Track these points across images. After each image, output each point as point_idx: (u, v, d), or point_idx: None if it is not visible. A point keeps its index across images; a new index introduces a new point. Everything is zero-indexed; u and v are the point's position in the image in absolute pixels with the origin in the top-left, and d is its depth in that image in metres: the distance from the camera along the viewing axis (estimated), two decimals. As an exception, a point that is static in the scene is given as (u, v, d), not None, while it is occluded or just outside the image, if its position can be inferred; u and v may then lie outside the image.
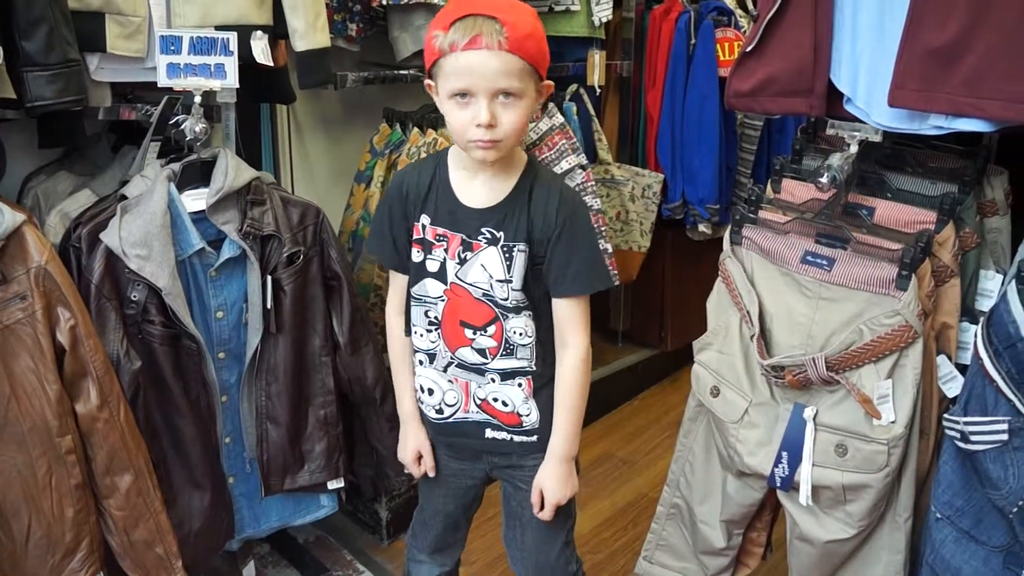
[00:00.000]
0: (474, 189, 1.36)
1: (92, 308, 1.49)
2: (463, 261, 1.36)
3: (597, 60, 2.70)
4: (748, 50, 1.48)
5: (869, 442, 1.39)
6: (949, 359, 1.45)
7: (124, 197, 1.57)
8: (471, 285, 1.37)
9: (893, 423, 1.37)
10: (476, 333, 1.39)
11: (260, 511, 1.83)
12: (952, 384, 1.43)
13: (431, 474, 1.53)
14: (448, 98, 1.25)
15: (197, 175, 1.63)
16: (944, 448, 1.32)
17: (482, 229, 1.34)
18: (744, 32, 2.76)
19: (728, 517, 1.65)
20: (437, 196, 1.38)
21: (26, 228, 1.39)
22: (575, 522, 1.57)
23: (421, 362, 1.47)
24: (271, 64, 1.83)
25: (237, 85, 1.67)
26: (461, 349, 1.41)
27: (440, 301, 1.40)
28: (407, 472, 1.58)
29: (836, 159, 1.46)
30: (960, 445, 1.25)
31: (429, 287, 1.40)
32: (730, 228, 1.58)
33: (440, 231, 1.37)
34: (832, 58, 1.41)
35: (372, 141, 2.26)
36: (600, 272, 1.40)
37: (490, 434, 1.46)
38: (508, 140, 1.27)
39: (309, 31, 1.88)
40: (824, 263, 1.45)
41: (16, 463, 1.41)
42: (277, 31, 1.87)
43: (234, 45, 1.64)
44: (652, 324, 3.29)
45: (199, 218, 1.61)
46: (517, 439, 1.45)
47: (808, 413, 1.45)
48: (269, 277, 1.65)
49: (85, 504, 1.47)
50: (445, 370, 1.44)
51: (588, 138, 2.76)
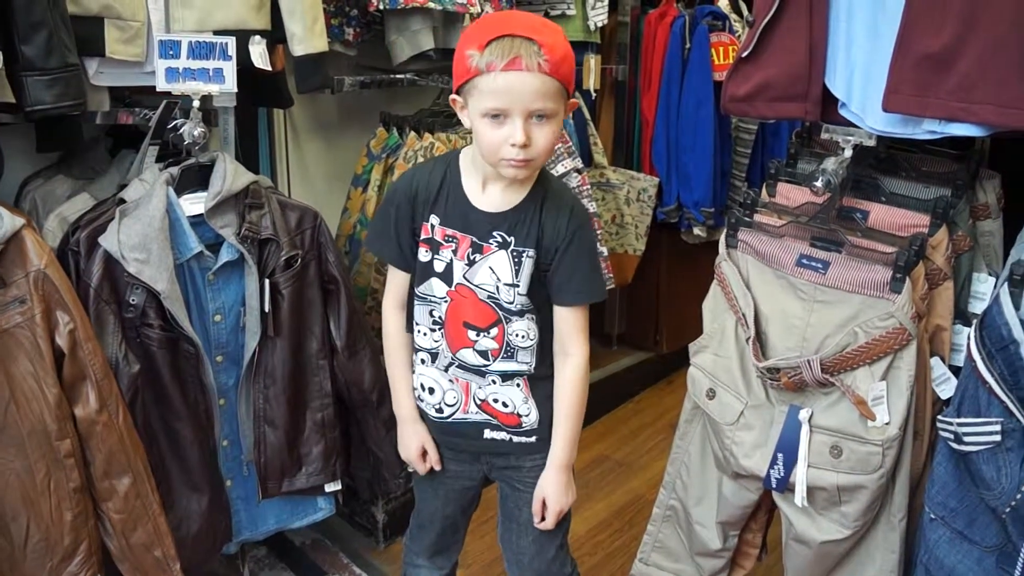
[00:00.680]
0: (487, 194, 1.37)
1: (91, 312, 1.50)
2: (472, 263, 1.37)
3: (593, 64, 2.71)
4: (744, 55, 1.49)
5: (864, 443, 1.40)
6: (943, 361, 1.46)
7: (122, 201, 1.57)
8: (478, 287, 1.38)
9: (887, 424, 1.39)
10: (479, 335, 1.40)
11: (257, 514, 1.83)
12: (946, 386, 1.44)
13: (437, 467, 1.52)
14: (481, 117, 1.25)
15: (195, 179, 1.64)
16: (938, 449, 1.33)
17: (493, 233, 1.36)
18: (738, 36, 2.78)
19: (724, 519, 1.66)
20: (448, 198, 1.38)
21: (25, 232, 1.40)
22: (570, 524, 1.58)
23: (423, 360, 1.47)
24: (269, 68, 1.84)
25: (235, 89, 1.67)
26: (463, 351, 1.42)
27: (444, 302, 1.41)
28: (404, 474, 1.58)
29: (831, 163, 1.47)
30: (953, 446, 1.26)
31: (435, 287, 1.41)
32: (726, 231, 1.59)
33: (450, 232, 1.38)
34: (827, 64, 1.42)
35: (369, 145, 2.26)
36: (600, 281, 1.43)
37: (489, 434, 1.47)
38: (539, 159, 1.28)
39: (307, 36, 1.88)
40: (819, 266, 1.46)
41: (15, 466, 1.41)
42: (275, 36, 1.87)
43: (232, 50, 1.65)
44: (647, 327, 3.30)
45: (197, 222, 1.61)
46: (516, 439, 1.46)
47: (803, 415, 1.46)
48: (267, 281, 1.66)
49: (84, 507, 1.47)
50: (446, 370, 1.45)
51: (584, 142, 2.77)
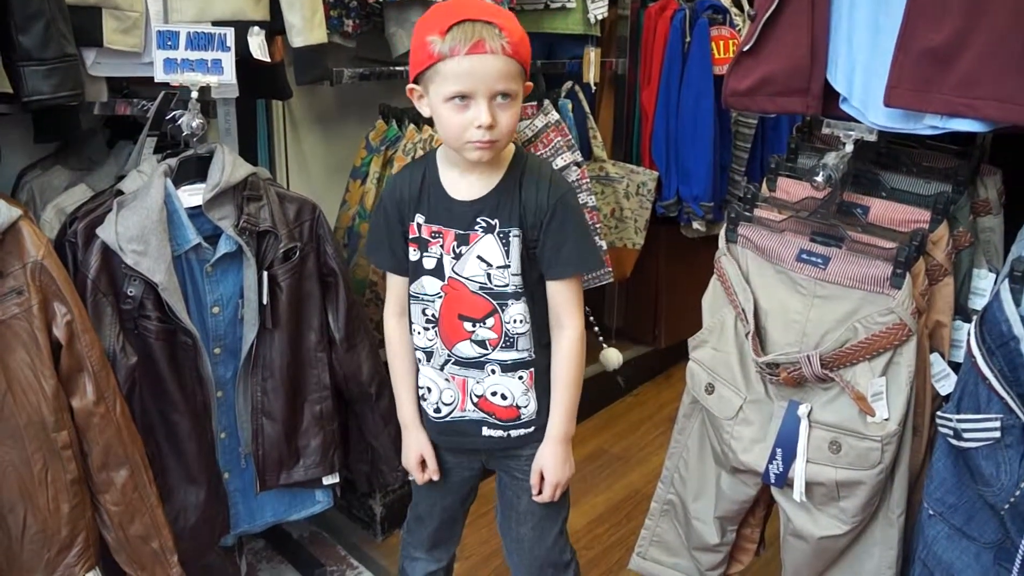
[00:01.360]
0: (466, 184, 1.39)
1: (88, 303, 1.49)
2: (458, 256, 1.38)
3: (592, 57, 2.70)
4: (745, 49, 1.48)
5: (863, 439, 1.40)
6: (942, 357, 1.46)
7: (120, 192, 1.56)
8: (468, 279, 1.39)
9: (887, 420, 1.39)
10: (476, 325, 1.40)
11: (255, 506, 1.83)
12: (945, 382, 1.44)
13: (435, 478, 1.53)
14: (444, 101, 1.27)
15: (193, 170, 1.63)
16: (937, 445, 1.33)
17: (478, 219, 1.37)
18: (739, 30, 2.76)
19: (722, 513, 1.66)
20: (430, 195, 1.41)
21: (22, 223, 1.39)
22: (568, 513, 1.58)
23: (419, 360, 1.48)
24: (268, 60, 1.83)
25: (234, 81, 1.67)
26: (459, 344, 1.42)
27: (437, 298, 1.41)
28: (402, 467, 1.58)
29: (831, 158, 1.47)
30: (953, 442, 1.26)
31: (427, 284, 1.42)
32: (725, 226, 1.59)
33: (435, 228, 1.39)
34: (828, 58, 1.41)
35: (368, 137, 2.26)
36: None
37: (487, 432, 1.47)
38: (503, 140, 1.31)
39: (306, 27, 1.87)
40: (819, 261, 1.46)
41: (12, 458, 1.41)
42: (274, 27, 1.86)
43: (231, 41, 1.65)
44: (646, 321, 3.30)
45: (195, 213, 1.61)
46: (514, 433, 1.46)
47: (803, 410, 1.46)
48: (265, 273, 1.65)
49: (81, 499, 1.47)
50: (442, 368, 1.45)
51: (583, 135, 2.76)
